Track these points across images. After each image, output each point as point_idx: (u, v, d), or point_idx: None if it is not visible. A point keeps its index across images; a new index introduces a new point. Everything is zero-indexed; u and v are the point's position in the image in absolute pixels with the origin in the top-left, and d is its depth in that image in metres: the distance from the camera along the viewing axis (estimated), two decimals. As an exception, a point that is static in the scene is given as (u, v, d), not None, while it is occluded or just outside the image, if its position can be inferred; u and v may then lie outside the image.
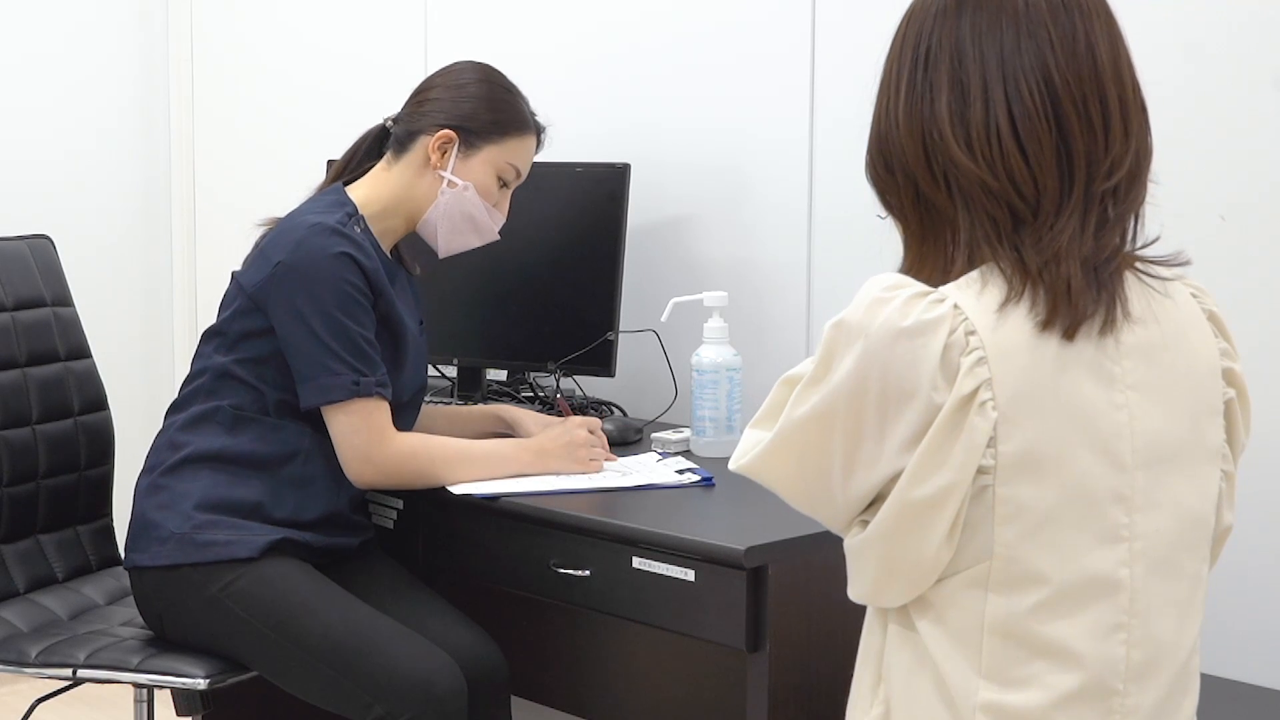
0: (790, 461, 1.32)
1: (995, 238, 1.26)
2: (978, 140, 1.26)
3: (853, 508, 1.30)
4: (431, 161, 2.24)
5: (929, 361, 1.21)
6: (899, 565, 1.27)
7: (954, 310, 1.22)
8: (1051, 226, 1.24)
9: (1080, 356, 1.24)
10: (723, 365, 2.37)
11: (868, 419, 1.24)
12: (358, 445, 2.12)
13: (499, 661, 2.20)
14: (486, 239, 2.32)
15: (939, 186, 1.28)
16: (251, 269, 2.19)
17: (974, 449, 1.21)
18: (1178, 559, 1.28)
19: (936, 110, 1.27)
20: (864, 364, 1.23)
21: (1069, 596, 1.23)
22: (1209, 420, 1.31)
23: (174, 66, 3.73)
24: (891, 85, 1.32)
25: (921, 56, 1.29)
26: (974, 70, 1.27)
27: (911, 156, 1.29)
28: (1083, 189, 1.26)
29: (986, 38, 1.27)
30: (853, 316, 1.26)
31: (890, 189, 1.34)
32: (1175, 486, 1.28)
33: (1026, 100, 1.25)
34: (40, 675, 2.18)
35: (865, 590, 1.33)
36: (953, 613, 1.26)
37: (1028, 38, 1.26)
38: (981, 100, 1.26)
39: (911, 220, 1.33)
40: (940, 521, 1.23)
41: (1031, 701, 1.23)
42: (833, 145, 2.53)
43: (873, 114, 1.35)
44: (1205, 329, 1.33)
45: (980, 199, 1.26)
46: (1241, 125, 2.05)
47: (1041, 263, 1.24)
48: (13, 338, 2.41)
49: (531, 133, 2.30)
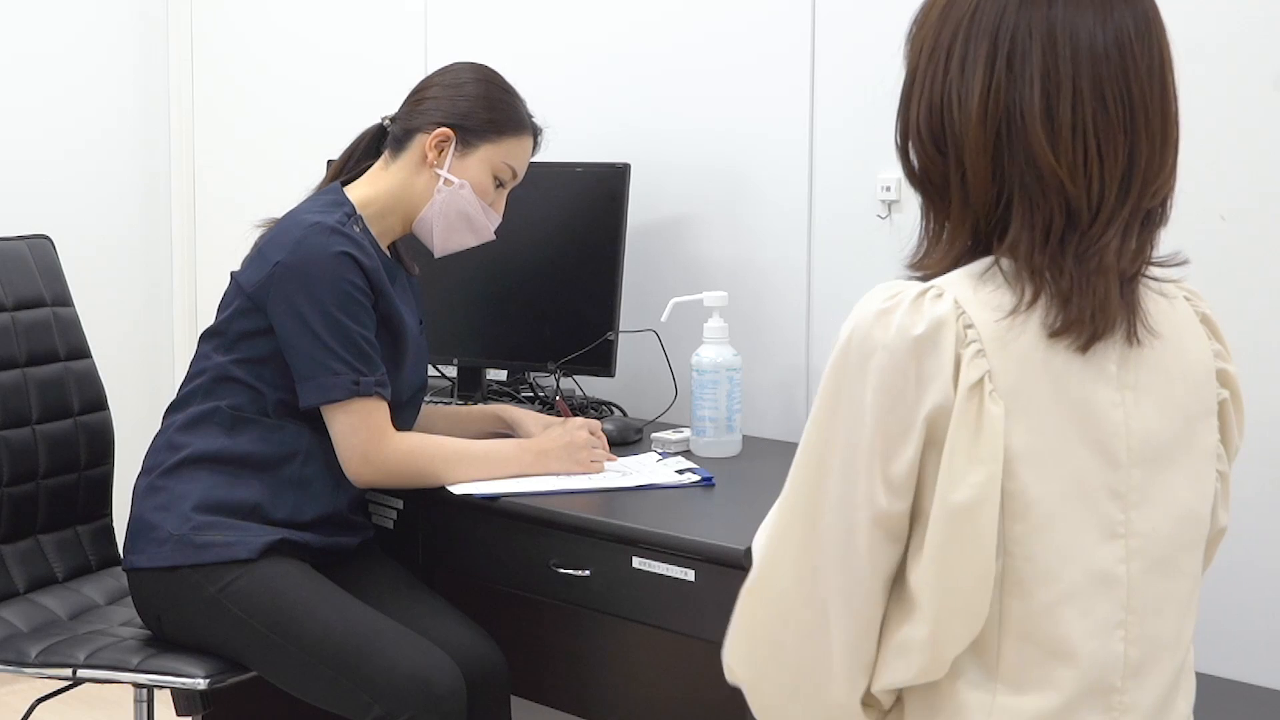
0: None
1: (1042, 238, 1.23)
2: (1064, 139, 1.22)
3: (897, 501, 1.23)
4: (428, 160, 2.24)
5: (945, 355, 1.21)
6: (957, 592, 1.22)
7: (954, 304, 1.22)
8: (1099, 238, 1.23)
9: (1078, 358, 1.24)
10: (723, 365, 2.37)
11: (893, 425, 1.22)
12: (356, 444, 2.12)
13: (499, 661, 2.19)
14: (482, 238, 2.32)
15: (992, 176, 1.24)
16: (250, 269, 2.19)
17: (996, 435, 1.20)
18: (1175, 557, 1.28)
19: (1026, 100, 1.23)
20: (886, 375, 1.21)
21: (1076, 594, 1.23)
22: (1203, 421, 1.31)
23: (174, 66, 3.74)
24: (955, 64, 1.26)
25: (1005, 40, 1.24)
26: (1065, 68, 1.23)
27: (974, 140, 1.24)
28: (1135, 203, 1.25)
29: (1079, 33, 1.23)
30: (860, 330, 1.22)
31: (936, 170, 1.28)
32: (1171, 485, 1.28)
33: (1111, 107, 1.23)
34: (40, 675, 2.18)
35: (923, 655, 1.23)
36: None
37: (1114, 44, 1.23)
38: (1071, 99, 1.22)
39: (953, 204, 1.27)
40: (988, 523, 1.20)
41: (1045, 703, 1.23)
42: (833, 146, 2.53)
43: (914, 91, 1.29)
44: (1199, 331, 1.33)
45: (1046, 197, 1.23)
46: (1242, 125, 2.05)
47: (1081, 274, 1.22)
48: (13, 338, 2.41)
49: (528, 133, 2.30)
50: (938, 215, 1.31)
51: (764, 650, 1.30)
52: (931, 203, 1.31)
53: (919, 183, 1.31)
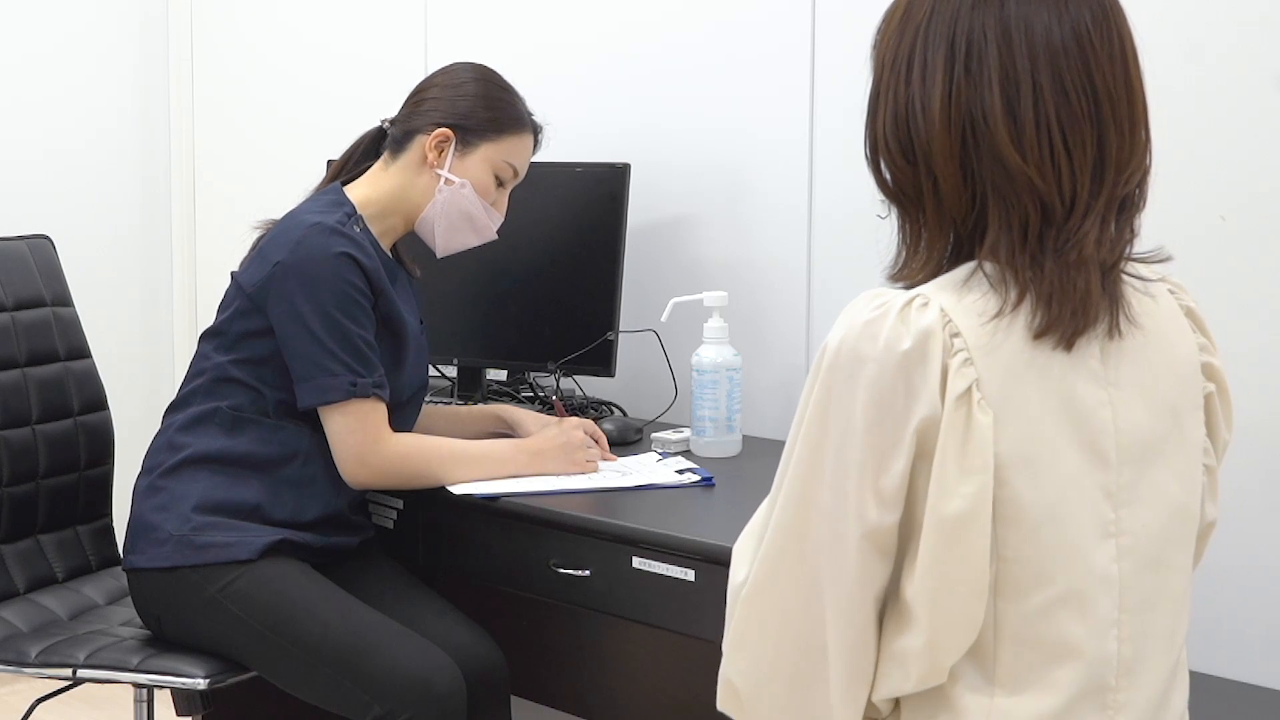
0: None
1: (1020, 237, 1.23)
2: (1029, 137, 1.22)
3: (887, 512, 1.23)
4: (429, 160, 2.24)
5: (932, 367, 1.20)
6: (952, 601, 1.21)
7: (940, 314, 1.22)
8: (1077, 230, 1.23)
9: (1063, 356, 1.24)
10: (723, 365, 2.37)
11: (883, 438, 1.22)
12: (353, 446, 2.12)
13: (499, 661, 2.20)
14: (484, 238, 2.32)
15: (964, 180, 1.24)
16: (251, 269, 2.19)
17: (985, 445, 1.20)
18: (1167, 554, 1.28)
19: (986, 103, 1.22)
20: (876, 389, 1.20)
21: (1070, 595, 1.23)
22: (1190, 415, 1.31)
23: (174, 66, 3.74)
24: (916, 72, 1.25)
25: (961, 44, 1.24)
26: (1023, 65, 1.22)
27: (940, 148, 1.24)
28: (1109, 192, 1.24)
29: (1034, 30, 1.23)
30: (849, 342, 1.22)
31: (907, 180, 1.28)
32: (1160, 482, 1.28)
33: (1074, 100, 1.22)
34: (40, 675, 2.18)
35: (920, 664, 1.23)
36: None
37: (1071, 36, 1.23)
38: (1031, 96, 1.22)
39: (928, 212, 1.27)
40: (980, 533, 1.20)
41: (1044, 705, 1.23)
42: (833, 145, 2.53)
43: (880, 103, 1.29)
44: (1183, 325, 1.33)
45: (1019, 197, 1.23)
46: (1241, 125, 2.05)
47: (1061, 269, 1.22)
48: (13, 338, 2.41)
49: (529, 131, 2.30)
50: (914, 225, 1.30)
51: (763, 663, 1.30)
52: (906, 213, 1.31)
53: (892, 194, 1.31)
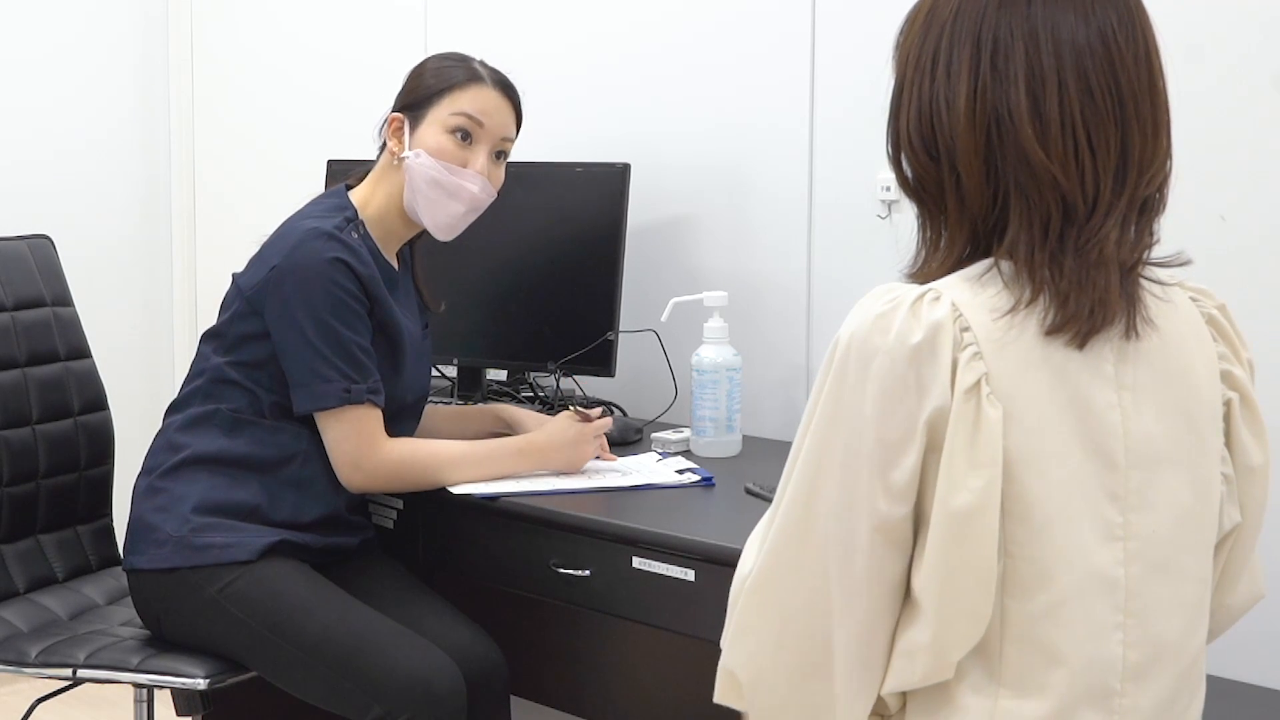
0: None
1: (1041, 235, 1.23)
2: (1054, 135, 1.22)
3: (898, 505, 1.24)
4: (391, 149, 2.25)
5: (943, 360, 1.20)
6: (960, 595, 1.21)
7: (951, 308, 1.22)
8: (1099, 229, 1.23)
9: (1075, 355, 1.24)
10: (723, 365, 2.37)
11: (893, 431, 1.22)
12: (348, 451, 2.12)
13: (498, 661, 2.19)
14: (470, 202, 2.23)
15: (987, 177, 1.24)
16: (250, 271, 2.19)
17: (995, 439, 1.19)
18: (1178, 560, 1.28)
19: (1012, 100, 1.23)
20: (886, 381, 1.20)
21: (1073, 597, 1.23)
22: (1208, 423, 1.31)
23: (174, 67, 3.73)
24: (941, 69, 1.26)
25: (988, 42, 1.24)
26: (1049, 64, 1.23)
27: (965, 144, 1.24)
28: (1131, 192, 1.25)
29: (1060, 30, 1.23)
30: (860, 335, 1.22)
31: (929, 177, 1.28)
32: (1171, 487, 1.27)
33: (1099, 100, 1.23)
34: (40, 675, 2.18)
35: (927, 658, 1.23)
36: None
37: (1097, 38, 1.24)
38: (1057, 95, 1.23)
39: (949, 209, 1.28)
40: (989, 526, 1.20)
41: (1043, 706, 1.23)
42: (833, 146, 2.53)
43: (904, 100, 1.30)
44: (1203, 332, 1.32)
45: (1042, 194, 1.23)
46: (1241, 125, 2.05)
47: (1081, 267, 1.22)
48: (13, 338, 2.41)
49: (475, 82, 2.24)
50: (934, 222, 1.30)
51: (766, 652, 1.30)
52: (928, 210, 1.31)
53: (913, 191, 1.31)
